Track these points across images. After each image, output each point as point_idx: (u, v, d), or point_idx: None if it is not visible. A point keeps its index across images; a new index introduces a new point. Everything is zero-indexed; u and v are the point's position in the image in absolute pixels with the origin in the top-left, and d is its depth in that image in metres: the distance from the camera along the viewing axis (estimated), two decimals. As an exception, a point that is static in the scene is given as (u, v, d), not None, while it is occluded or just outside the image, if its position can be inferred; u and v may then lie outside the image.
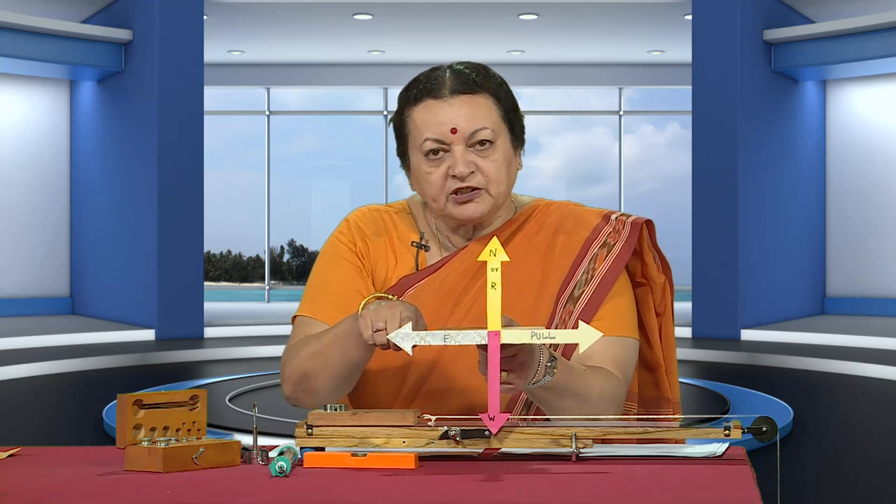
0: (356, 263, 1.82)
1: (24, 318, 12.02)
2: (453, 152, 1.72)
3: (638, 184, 16.46)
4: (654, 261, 1.83)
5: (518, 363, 1.46)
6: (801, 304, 12.28)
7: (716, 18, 10.75)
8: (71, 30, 10.93)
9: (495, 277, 1.35)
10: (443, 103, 1.72)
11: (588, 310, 1.75)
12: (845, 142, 12.68)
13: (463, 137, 1.72)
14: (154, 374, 8.53)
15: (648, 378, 1.88)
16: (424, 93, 1.74)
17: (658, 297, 1.84)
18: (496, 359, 1.35)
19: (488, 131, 1.72)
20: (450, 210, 1.75)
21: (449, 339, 1.36)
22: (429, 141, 1.72)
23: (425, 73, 1.77)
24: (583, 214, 1.84)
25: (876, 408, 7.30)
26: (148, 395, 1.47)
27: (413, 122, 1.75)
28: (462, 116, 1.72)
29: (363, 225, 1.86)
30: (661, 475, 1.35)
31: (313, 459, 1.42)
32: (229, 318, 12.60)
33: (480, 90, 1.74)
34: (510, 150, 1.77)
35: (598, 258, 1.78)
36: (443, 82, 1.74)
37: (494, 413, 1.35)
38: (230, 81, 15.27)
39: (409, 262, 1.83)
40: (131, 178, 11.26)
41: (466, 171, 1.71)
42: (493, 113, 1.74)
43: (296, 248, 17.57)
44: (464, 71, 1.76)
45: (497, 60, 14.40)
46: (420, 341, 1.39)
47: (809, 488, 4.81)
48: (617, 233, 1.80)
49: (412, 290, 1.79)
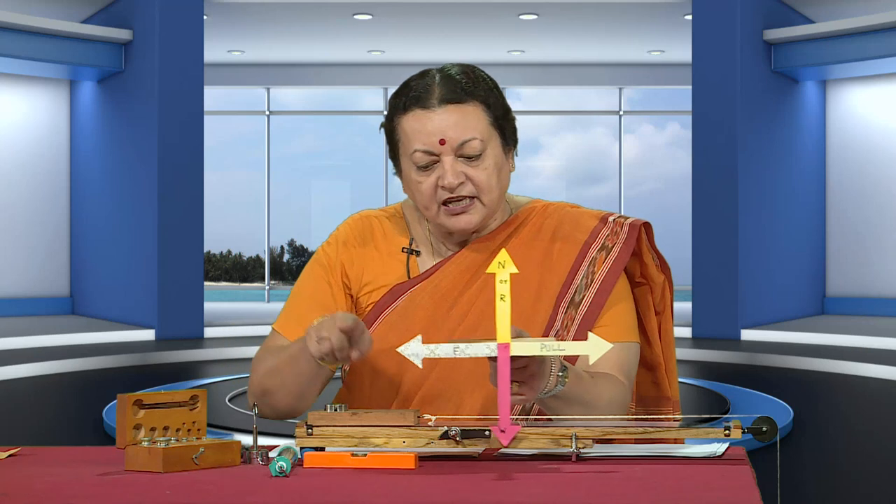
0: (333, 280, 1.83)
1: (24, 318, 12.02)
2: (443, 163, 1.71)
3: (638, 184, 16.47)
4: (654, 261, 1.83)
5: (529, 374, 1.47)
6: (801, 304, 12.28)
7: (716, 18, 10.75)
8: (71, 30, 10.93)
9: (504, 289, 1.35)
10: (431, 113, 1.71)
11: (590, 314, 1.75)
12: (845, 142, 12.68)
13: (452, 148, 1.71)
14: (154, 374, 8.53)
15: (648, 377, 1.88)
16: (413, 101, 1.72)
17: (658, 296, 1.84)
18: (506, 371, 1.34)
19: (477, 142, 1.71)
20: (442, 220, 1.75)
21: (459, 352, 1.37)
22: (418, 152, 1.72)
23: (415, 79, 1.76)
24: (580, 217, 1.84)
25: (876, 408, 7.30)
26: (148, 395, 1.47)
27: (402, 131, 1.74)
28: (451, 126, 1.70)
29: (351, 235, 1.86)
30: (661, 475, 1.35)
31: (313, 459, 1.42)
32: (229, 318, 12.60)
33: (469, 98, 1.72)
34: (501, 156, 1.76)
35: (597, 262, 1.77)
36: (431, 91, 1.72)
37: (505, 425, 1.35)
38: (230, 81, 15.27)
39: (399, 268, 1.82)
40: (131, 178, 11.26)
41: (456, 181, 1.71)
42: (482, 121, 1.73)
43: (296, 248, 17.57)
44: (454, 77, 1.73)
45: (497, 60, 14.41)
46: (430, 354, 1.39)
47: (809, 488, 4.81)
48: (615, 235, 1.79)
49: (405, 297, 1.79)
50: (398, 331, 1.77)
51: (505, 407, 1.34)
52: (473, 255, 1.80)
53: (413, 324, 1.77)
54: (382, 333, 1.78)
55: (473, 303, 1.76)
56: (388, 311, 1.79)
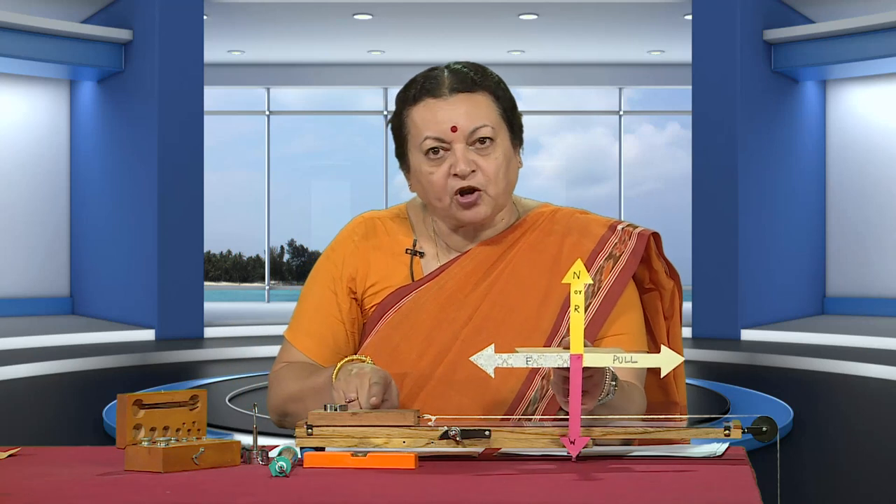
0: (339, 289, 1.84)
1: (24, 318, 12.02)
2: (454, 151, 1.72)
3: (638, 184, 16.47)
4: (663, 268, 1.84)
5: (593, 384, 1.48)
6: (801, 304, 12.28)
7: (716, 18, 10.75)
8: (71, 30, 10.93)
9: (578, 300, 1.35)
10: (442, 102, 1.72)
11: (595, 322, 1.75)
12: (845, 142, 12.68)
13: (463, 135, 1.71)
14: (154, 374, 8.53)
15: (655, 382, 1.88)
16: (423, 92, 1.73)
17: (667, 302, 1.84)
18: (578, 381, 1.35)
19: (488, 129, 1.72)
20: (454, 212, 1.75)
21: (531, 362, 1.37)
22: (429, 139, 1.72)
23: (423, 74, 1.77)
24: (588, 224, 1.83)
25: (876, 408, 7.30)
26: (148, 395, 1.47)
27: (412, 122, 1.74)
28: (462, 114, 1.71)
29: (355, 238, 1.86)
30: (661, 475, 1.35)
31: (313, 459, 1.42)
32: (229, 318, 12.60)
33: (479, 88, 1.74)
34: (510, 149, 1.77)
35: (604, 270, 1.77)
36: (441, 81, 1.73)
37: (575, 436, 1.35)
38: (230, 81, 15.27)
39: (403, 270, 1.82)
40: (131, 178, 11.26)
41: (468, 169, 1.71)
42: (492, 111, 1.74)
43: (296, 248, 17.57)
44: (462, 70, 1.75)
45: (497, 60, 14.41)
46: (502, 364, 1.39)
47: (809, 488, 4.81)
48: (623, 243, 1.79)
49: (409, 299, 1.79)
50: (401, 332, 1.77)
51: (576, 417, 1.35)
52: (480, 257, 1.79)
53: (417, 325, 1.76)
54: (385, 335, 1.78)
55: (478, 306, 1.76)
56: (392, 313, 1.79)
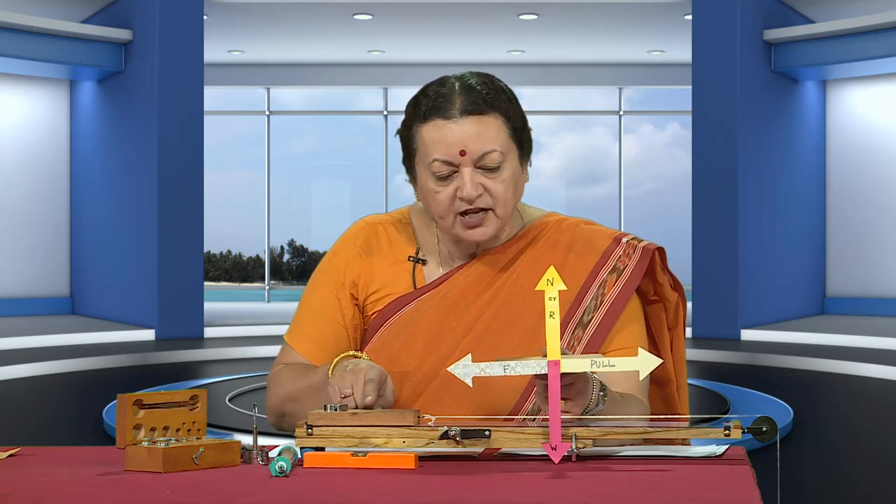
0: (341, 293, 1.83)
1: (24, 318, 12.02)
2: (462, 174, 1.70)
3: (638, 184, 16.47)
4: (668, 282, 1.83)
5: (575, 391, 1.48)
6: (801, 304, 12.28)
7: (716, 18, 10.75)
8: (71, 30, 10.93)
9: (553, 307, 1.35)
10: (452, 124, 1.69)
11: (598, 336, 1.75)
12: (845, 142, 12.68)
13: (472, 159, 1.70)
14: (154, 374, 8.53)
15: (658, 393, 1.88)
16: (434, 111, 1.70)
17: (671, 314, 1.84)
18: (557, 388, 1.35)
19: (497, 154, 1.70)
20: (457, 231, 1.75)
21: (509, 370, 1.38)
22: (437, 162, 1.70)
23: (434, 87, 1.73)
24: (593, 236, 1.83)
25: (876, 408, 7.30)
26: (148, 395, 1.47)
27: (421, 140, 1.73)
28: (471, 138, 1.69)
29: (358, 243, 1.85)
30: (661, 475, 1.35)
31: (313, 459, 1.42)
32: (229, 318, 12.60)
33: (490, 109, 1.71)
34: (518, 168, 1.76)
35: (608, 283, 1.77)
36: (452, 100, 1.70)
37: (556, 443, 1.35)
38: (230, 81, 15.27)
39: (405, 278, 1.82)
40: (131, 178, 11.26)
41: (475, 193, 1.70)
42: (502, 133, 1.72)
43: (296, 248, 17.57)
44: (474, 87, 1.71)
45: (497, 60, 14.41)
46: (480, 372, 1.40)
47: (809, 488, 4.81)
48: (627, 257, 1.79)
49: (410, 307, 1.79)
50: (402, 340, 1.77)
51: (556, 424, 1.35)
52: (483, 267, 1.79)
53: (417, 334, 1.76)
54: (386, 342, 1.78)
55: (480, 316, 1.76)
56: (393, 320, 1.79)
